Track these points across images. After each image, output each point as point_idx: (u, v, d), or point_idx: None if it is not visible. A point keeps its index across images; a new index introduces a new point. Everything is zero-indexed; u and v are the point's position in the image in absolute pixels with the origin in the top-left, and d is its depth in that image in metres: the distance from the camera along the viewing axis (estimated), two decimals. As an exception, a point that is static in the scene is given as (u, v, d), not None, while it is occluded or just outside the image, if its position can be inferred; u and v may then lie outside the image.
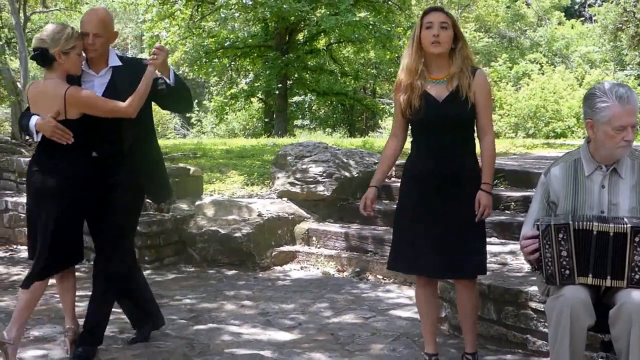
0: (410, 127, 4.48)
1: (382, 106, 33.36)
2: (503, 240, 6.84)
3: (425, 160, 4.34)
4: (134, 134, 4.81)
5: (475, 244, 4.31)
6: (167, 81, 4.81)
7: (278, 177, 9.03)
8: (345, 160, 8.97)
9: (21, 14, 17.32)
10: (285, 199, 8.79)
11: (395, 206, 4.59)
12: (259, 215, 8.09)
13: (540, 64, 30.54)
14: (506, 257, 5.81)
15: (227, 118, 34.53)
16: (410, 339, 5.28)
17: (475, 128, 4.38)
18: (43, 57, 4.53)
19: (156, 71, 4.77)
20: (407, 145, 4.57)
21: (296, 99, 36.04)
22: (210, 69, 29.05)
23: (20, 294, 4.68)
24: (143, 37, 33.55)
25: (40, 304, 5.37)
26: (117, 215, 4.86)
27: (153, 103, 4.95)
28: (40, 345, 5.09)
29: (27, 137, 10.90)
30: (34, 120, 4.55)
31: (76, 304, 4.92)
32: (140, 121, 4.79)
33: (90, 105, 4.62)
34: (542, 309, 4.16)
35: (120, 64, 4.83)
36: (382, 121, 35.44)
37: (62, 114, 4.51)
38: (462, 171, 4.30)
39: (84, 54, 4.70)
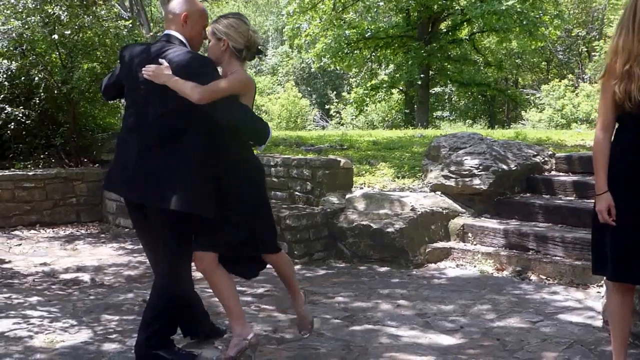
0: (620, 118, 3.89)
1: (525, 97, 32.45)
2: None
3: None
4: None
5: None
6: None
7: (431, 170, 8.64)
8: (502, 153, 8.47)
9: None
10: (439, 192, 8.40)
11: (558, 202, 4.04)
12: (412, 209, 7.73)
13: None
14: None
15: (366, 110, 34.39)
16: (585, 347, 4.81)
17: None
18: None
19: None
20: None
21: (435, 90, 35.54)
22: (351, 61, 28.93)
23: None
24: (284, 30, 33.81)
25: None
26: None
27: None
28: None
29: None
30: None
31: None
32: None
33: None
34: None
35: None
36: (525, 112, 34.45)
37: None
38: None
39: None
